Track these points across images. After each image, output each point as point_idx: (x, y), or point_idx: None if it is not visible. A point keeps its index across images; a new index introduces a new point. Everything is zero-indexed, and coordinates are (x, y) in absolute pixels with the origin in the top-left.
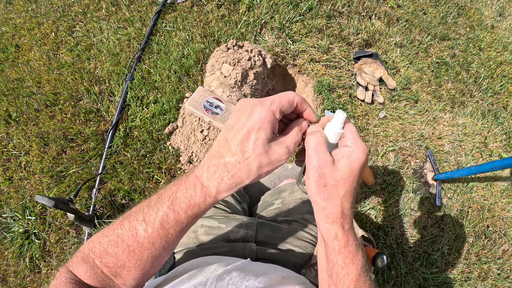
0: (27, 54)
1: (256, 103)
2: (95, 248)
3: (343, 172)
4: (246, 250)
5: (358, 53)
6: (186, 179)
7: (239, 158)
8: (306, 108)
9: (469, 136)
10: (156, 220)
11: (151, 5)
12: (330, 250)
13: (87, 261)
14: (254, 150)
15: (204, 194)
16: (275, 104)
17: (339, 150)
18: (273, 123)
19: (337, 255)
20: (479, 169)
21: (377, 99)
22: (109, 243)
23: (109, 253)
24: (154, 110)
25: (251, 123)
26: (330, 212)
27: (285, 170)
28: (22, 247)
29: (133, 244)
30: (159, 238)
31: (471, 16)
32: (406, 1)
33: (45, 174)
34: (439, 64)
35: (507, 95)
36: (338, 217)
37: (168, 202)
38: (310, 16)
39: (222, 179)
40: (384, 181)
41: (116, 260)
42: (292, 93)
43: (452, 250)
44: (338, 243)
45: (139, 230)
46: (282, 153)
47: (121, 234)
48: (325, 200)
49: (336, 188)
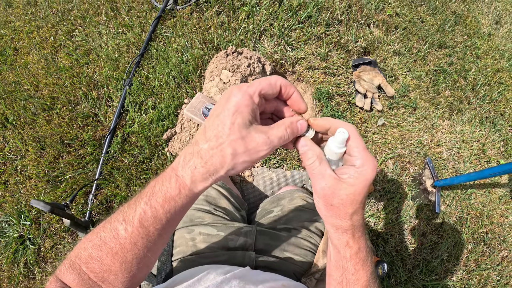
0: (26, 57)
1: (234, 87)
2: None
3: (349, 191)
4: (246, 259)
5: (356, 60)
6: (164, 173)
7: (213, 144)
8: (292, 92)
9: (467, 143)
10: (135, 218)
11: (150, 11)
12: (342, 256)
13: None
14: (229, 135)
15: (179, 185)
16: (253, 86)
17: (346, 169)
18: (251, 106)
19: (348, 262)
20: (478, 176)
21: (375, 106)
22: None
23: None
24: (152, 116)
25: (226, 107)
26: (339, 225)
27: (284, 177)
28: (16, 252)
29: (116, 246)
30: (140, 237)
31: (468, 24)
32: (404, 10)
33: (41, 178)
34: (437, 72)
35: (504, 102)
36: (347, 229)
37: (145, 198)
38: (309, 23)
39: (196, 167)
40: (383, 188)
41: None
42: (276, 76)
43: (452, 257)
44: (350, 250)
45: (119, 230)
46: (261, 142)
47: (104, 236)
48: (333, 217)
49: (344, 207)
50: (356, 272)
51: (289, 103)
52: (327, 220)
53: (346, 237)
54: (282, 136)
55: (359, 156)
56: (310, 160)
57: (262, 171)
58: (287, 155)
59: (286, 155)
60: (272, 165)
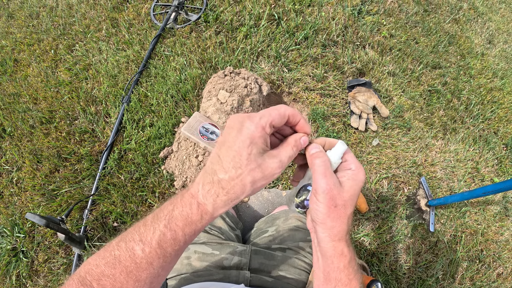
0: (25, 69)
1: (245, 118)
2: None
3: (350, 193)
4: (240, 278)
5: (352, 81)
6: (182, 198)
7: (233, 174)
8: (299, 120)
9: (461, 162)
10: (154, 239)
11: (150, 29)
12: (335, 267)
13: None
14: (247, 165)
15: (201, 212)
16: (265, 118)
17: (344, 172)
18: (264, 137)
19: (341, 272)
20: (472, 194)
21: (370, 127)
22: (106, 265)
23: (106, 275)
24: (149, 134)
25: (241, 139)
26: (337, 231)
27: (279, 197)
28: (9, 265)
29: (131, 265)
30: (157, 257)
31: (461, 44)
32: (399, 31)
33: (36, 191)
34: (431, 92)
35: (497, 120)
36: (343, 235)
37: (164, 221)
38: (305, 45)
39: (218, 196)
40: (377, 208)
41: (114, 282)
42: (284, 106)
43: (447, 275)
44: (344, 259)
45: (136, 250)
46: (275, 166)
47: (118, 255)
48: (334, 219)
49: (345, 208)
50: (349, 282)
51: (296, 128)
52: (326, 225)
53: (341, 245)
54: (291, 155)
55: (353, 161)
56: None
57: None
58: (282, 175)
59: (282, 175)
60: (268, 185)
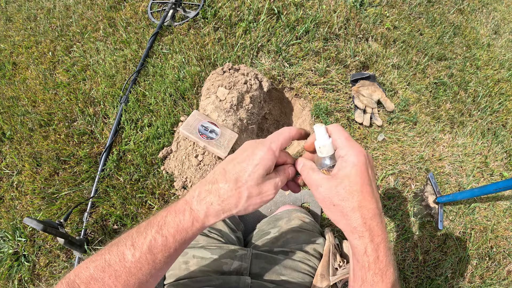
0: (24, 72)
1: (259, 143)
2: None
3: (345, 184)
4: (240, 284)
5: (355, 75)
6: (176, 204)
7: (232, 185)
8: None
9: (469, 156)
10: (144, 244)
11: (148, 27)
12: (361, 266)
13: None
14: (248, 181)
15: (192, 219)
16: (276, 143)
17: (338, 162)
18: (272, 161)
19: (367, 272)
20: (482, 191)
21: (375, 122)
22: (95, 268)
23: (95, 278)
24: (148, 134)
25: (252, 158)
26: (353, 227)
27: (282, 196)
28: (11, 269)
29: (120, 269)
30: (146, 263)
31: (467, 35)
32: (402, 22)
33: (36, 195)
34: (437, 85)
35: (506, 112)
36: (363, 230)
37: (156, 227)
38: (306, 39)
39: (212, 204)
40: (384, 205)
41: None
42: (288, 130)
43: (456, 274)
44: (368, 258)
45: (127, 255)
46: (271, 187)
47: (108, 259)
48: (342, 216)
49: (345, 202)
50: (375, 284)
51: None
52: (340, 224)
53: (364, 242)
54: (284, 179)
55: (342, 145)
56: (304, 172)
57: None
58: None
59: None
60: None
